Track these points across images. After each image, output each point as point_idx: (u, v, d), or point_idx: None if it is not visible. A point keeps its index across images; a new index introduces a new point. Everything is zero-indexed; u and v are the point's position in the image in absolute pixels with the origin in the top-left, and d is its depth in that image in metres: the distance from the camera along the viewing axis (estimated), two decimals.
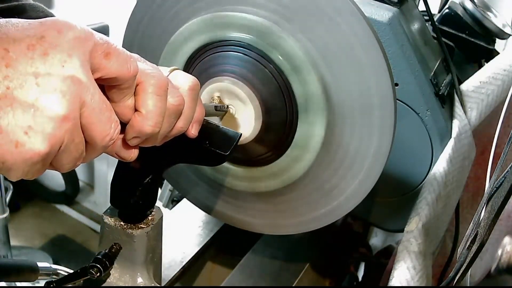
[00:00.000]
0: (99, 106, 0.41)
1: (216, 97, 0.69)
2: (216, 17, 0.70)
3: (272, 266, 0.96)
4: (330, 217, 0.75)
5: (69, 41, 0.39)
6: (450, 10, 1.06)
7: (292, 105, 0.69)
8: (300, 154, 0.71)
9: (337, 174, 0.72)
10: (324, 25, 0.65)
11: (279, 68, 0.68)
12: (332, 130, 0.69)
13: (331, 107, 0.68)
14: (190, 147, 0.58)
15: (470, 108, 0.92)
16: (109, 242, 0.62)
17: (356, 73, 0.66)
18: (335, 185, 0.72)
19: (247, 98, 0.68)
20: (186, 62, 0.74)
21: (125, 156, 0.50)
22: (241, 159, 0.75)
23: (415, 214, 0.82)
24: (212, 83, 0.69)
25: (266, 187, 0.76)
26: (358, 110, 0.68)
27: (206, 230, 1.01)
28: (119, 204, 0.62)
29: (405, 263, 0.77)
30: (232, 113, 0.69)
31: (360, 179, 0.70)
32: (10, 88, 0.37)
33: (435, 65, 0.90)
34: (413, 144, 0.87)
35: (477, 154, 0.96)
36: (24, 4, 0.78)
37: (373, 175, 0.70)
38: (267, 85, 0.68)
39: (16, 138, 0.38)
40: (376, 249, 1.25)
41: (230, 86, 0.68)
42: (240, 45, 0.69)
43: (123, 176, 0.61)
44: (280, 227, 0.80)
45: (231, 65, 0.69)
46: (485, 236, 0.46)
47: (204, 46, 0.72)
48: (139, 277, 0.63)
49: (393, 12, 0.82)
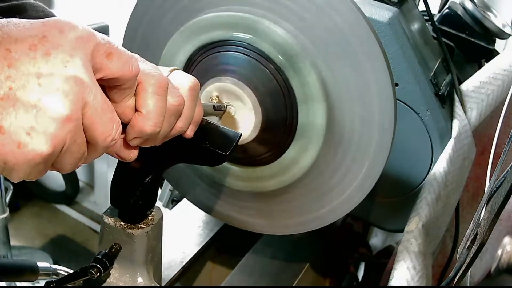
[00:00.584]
0: (101, 106, 0.41)
1: (214, 97, 0.69)
2: (215, 17, 0.70)
3: (272, 266, 0.96)
4: (330, 217, 0.75)
5: (71, 41, 0.39)
6: (450, 10, 1.06)
7: (292, 103, 0.69)
8: (300, 154, 0.71)
9: (337, 174, 0.72)
10: (323, 25, 0.65)
11: (278, 67, 0.68)
12: (332, 131, 0.69)
13: (331, 107, 0.68)
14: (190, 147, 0.58)
15: (470, 108, 0.92)
16: (109, 242, 0.62)
17: (356, 73, 0.66)
18: (335, 185, 0.72)
19: (246, 98, 0.68)
20: (186, 62, 0.74)
21: (125, 156, 0.50)
22: (241, 159, 0.75)
23: (415, 214, 0.82)
24: (212, 83, 0.69)
25: (266, 187, 0.76)
26: (358, 110, 0.68)
27: (206, 230, 1.01)
28: (119, 204, 0.62)
29: (405, 263, 0.77)
30: (231, 113, 0.69)
31: (360, 179, 0.70)
32: (13, 88, 0.37)
33: (435, 65, 0.90)
34: (413, 144, 0.87)
35: (477, 154, 0.96)
36: (25, 4, 0.78)
37: (373, 175, 0.70)
38: (266, 84, 0.68)
39: (18, 139, 0.38)
40: (376, 249, 1.25)
41: (229, 86, 0.68)
42: (239, 44, 0.69)
43: (123, 176, 0.61)
44: (280, 227, 0.80)
45: (230, 65, 0.69)
46: (485, 236, 0.46)
47: (204, 46, 0.72)
48: (139, 277, 0.63)
49: (393, 12, 0.82)
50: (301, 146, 0.71)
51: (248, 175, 0.76)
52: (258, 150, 0.72)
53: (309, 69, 0.67)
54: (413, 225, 0.80)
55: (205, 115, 0.59)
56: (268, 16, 0.68)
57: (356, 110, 0.68)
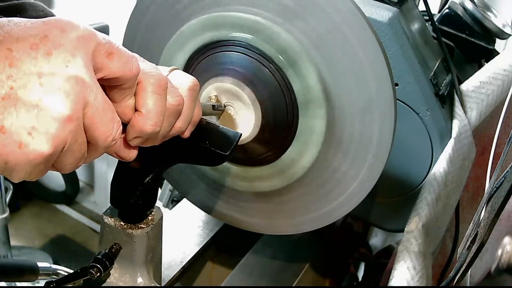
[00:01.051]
0: (102, 106, 0.41)
1: (213, 96, 0.69)
2: (215, 17, 0.70)
3: (272, 266, 0.96)
4: (331, 217, 0.75)
5: (73, 41, 0.39)
6: (450, 10, 1.06)
7: (292, 102, 0.69)
8: (300, 154, 0.71)
9: (337, 174, 0.72)
10: (324, 25, 0.65)
11: (278, 67, 0.68)
12: (332, 130, 0.69)
13: (331, 107, 0.68)
14: (190, 147, 0.58)
15: (470, 108, 0.92)
16: (109, 242, 0.62)
17: (356, 73, 0.66)
18: (335, 185, 0.72)
19: (246, 98, 0.68)
20: (186, 62, 0.74)
21: (124, 156, 0.50)
22: (241, 158, 0.75)
23: (415, 214, 0.82)
24: (212, 83, 0.69)
25: (266, 187, 0.76)
26: (358, 110, 0.68)
27: (206, 230, 1.01)
28: (119, 204, 0.62)
29: (405, 263, 0.77)
30: (231, 113, 0.69)
31: (360, 179, 0.70)
32: (14, 88, 0.37)
33: (435, 65, 0.90)
34: (413, 144, 0.87)
35: (477, 154, 0.96)
36: (24, 3, 0.78)
37: (373, 175, 0.70)
38: (266, 84, 0.68)
39: (19, 139, 0.37)
40: (376, 249, 1.25)
41: (229, 86, 0.68)
42: (239, 44, 0.69)
43: (123, 176, 0.61)
44: (280, 227, 0.80)
45: (231, 65, 0.69)
46: (485, 236, 0.46)
47: (204, 46, 0.72)
48: (139, 277, 0.63)
49: (393, 12, 0.82)
50: (301, 146, 0.71)
51: (248, 175, 0.76)
52: (258, 150, 0.72)
53: (309, 69, 0.67)
54: (413, 225, 0.80)
55: (203, 114, 0.59)
56: (268, 16, 0.68)
57: (356, 110, 0.68)
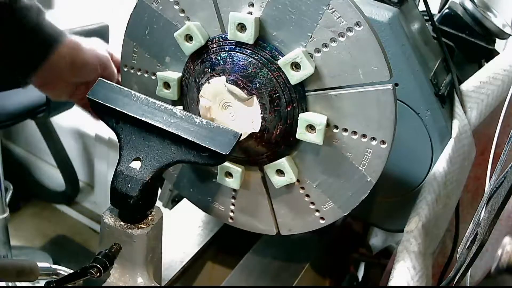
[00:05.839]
0: None
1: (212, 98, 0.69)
2: (215, 16, 0.70)
3: (272, 266, 0.96)
4: (331, 217, 0.75)
5: None
6: (450, 10, 1.06)
7: (292, 101, 0.69)
8: (300, 154, 0.71)
9: (337, 174, 0.72)
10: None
11: (278, 66, 0.68)
12: (332, 130, 0.69)
13: (331, 105, 0.68)
14: (190, 147, 0.58)
15: (470, 108, 0.92)
16: (109, 242, 0.62)
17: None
18: (335, 184, 0.72)
19: (246, 97, 0.68)
20: (186, 62, 0.75)
21: None
22: (241, 158, 0.75)
23: (415, 214, 0.82)
24: (212, 83, 0.69)
25: (267, 187, 0.76)
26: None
27: (206, 230, 1.01)
28: (119, 204, 0.62)
29: (405, 263, 0.77)
30: (231, 113, 0.69)
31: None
32: None
33: (435, 65, 0.90)
34: (413, 144, 0.87)
35: (477, 154, 0.96)
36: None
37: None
38: (266, 84, 0.68)
39: None
40: (376, 249, 1.25)
41: (229, 86, 0.68)
42: (237, 44, 0.69)
43: (123, 175, 0.61)
44: (280, 227, 0.80)
45: (230, 65, 0.69)
46: (485, 236, 0.46)
47: (204, 46, 0.72)
48: (139, 277, 0.63)
49: (393, 12, 0.82)
50: (302, 146, 0.71)
51: (248, 175, 0.76)
52: (258, 149, 0.72)
53: (309, 69, 0.67)
54: (413, 225, 0.80)
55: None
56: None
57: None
